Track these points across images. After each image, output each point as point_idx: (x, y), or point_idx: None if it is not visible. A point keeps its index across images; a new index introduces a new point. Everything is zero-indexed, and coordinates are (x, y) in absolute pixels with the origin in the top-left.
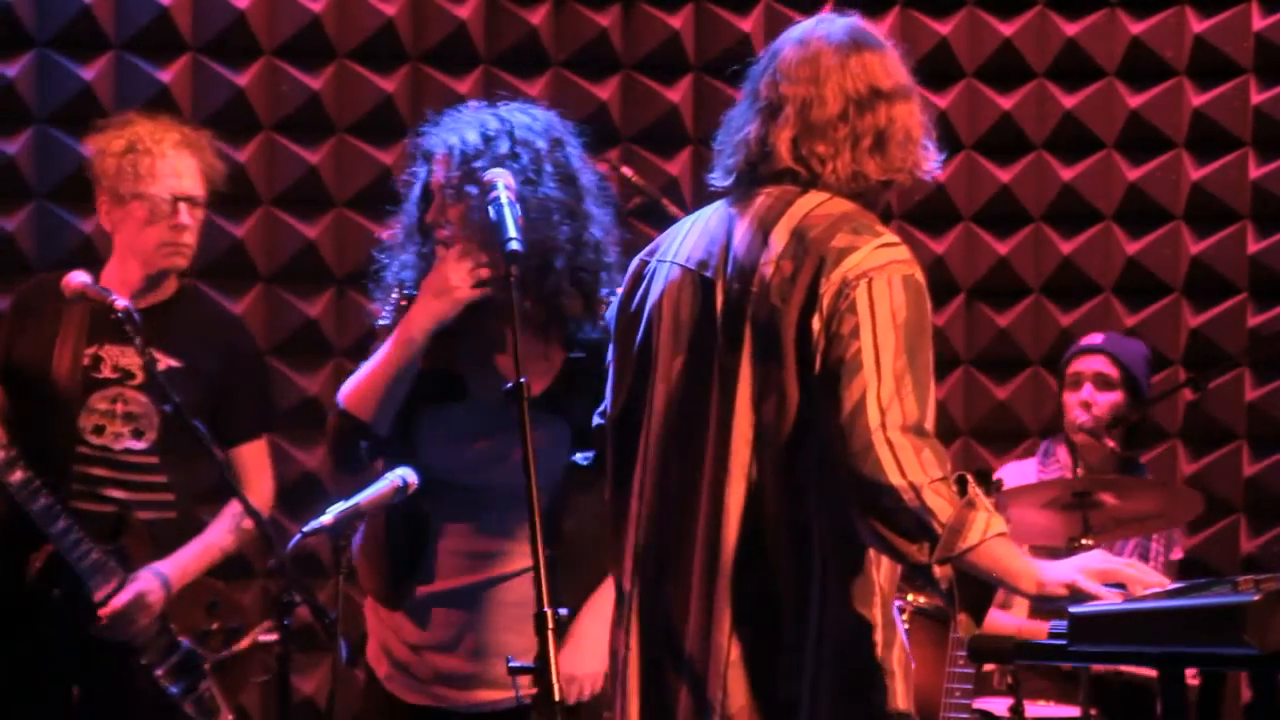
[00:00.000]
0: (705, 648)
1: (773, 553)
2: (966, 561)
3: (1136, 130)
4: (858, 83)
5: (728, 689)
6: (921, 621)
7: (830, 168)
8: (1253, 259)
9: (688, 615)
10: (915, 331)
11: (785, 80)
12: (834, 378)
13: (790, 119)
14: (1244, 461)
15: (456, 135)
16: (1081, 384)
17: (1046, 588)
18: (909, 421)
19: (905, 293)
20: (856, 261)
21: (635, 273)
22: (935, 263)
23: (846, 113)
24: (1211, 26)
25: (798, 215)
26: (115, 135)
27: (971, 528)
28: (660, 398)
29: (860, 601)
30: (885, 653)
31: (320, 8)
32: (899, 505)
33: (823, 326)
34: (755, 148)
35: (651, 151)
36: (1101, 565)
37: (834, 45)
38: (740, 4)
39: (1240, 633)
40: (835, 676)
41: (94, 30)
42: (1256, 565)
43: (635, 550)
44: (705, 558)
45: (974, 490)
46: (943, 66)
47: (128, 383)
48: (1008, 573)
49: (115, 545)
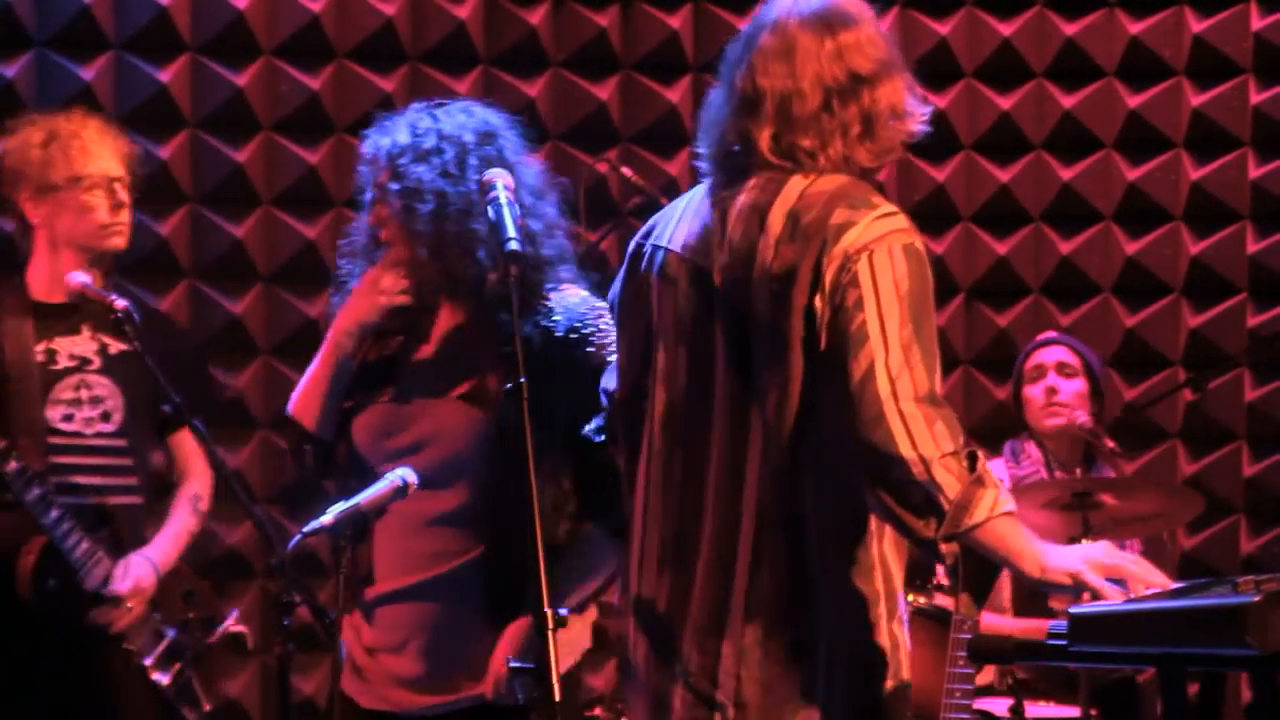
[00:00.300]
0: (717, 638)
1: (781, 543)
2: (972, 538)
3: (1136, 130)
4: (836, 70)
5: (742, 676)
6: (921, 622)
7: (822, 159)
8: (1252, 259)
9: (692, 606)
10: (919, 300)
11: (763, 73)
12: (841, 351)
13: (770, 115)
14: (1244, 462)
15: (388, 136)
16: (1045, 373)
17: (1049, 573)
18: (920, 391)
19: (907, 262)
20: (855, 235)
21: (633, 255)
22: (935, 263)
23: (830, 103)
24: (1210, 26)
25: (792, 197)
26: (31, 131)
27: (979, 504)
28: (662, 390)
29: (861, 577)
30: (888, 624)
31: (319, 8)
32: (908, 478)
33: (826, 303)
34: (735, 141)
35: (650, 151)
36: (1106, 558)
37: (809, 30)
38: (739, 4)
39: (1241, 633)
40: (847, 658)
41: (93, 30)
42: (1257, 566)
43: (641, 542)
44: (715, 550)
45: (983, 466)
46: (942, 66)
47: (87, 368)
48: (1011, 552)
49: (101, 534)
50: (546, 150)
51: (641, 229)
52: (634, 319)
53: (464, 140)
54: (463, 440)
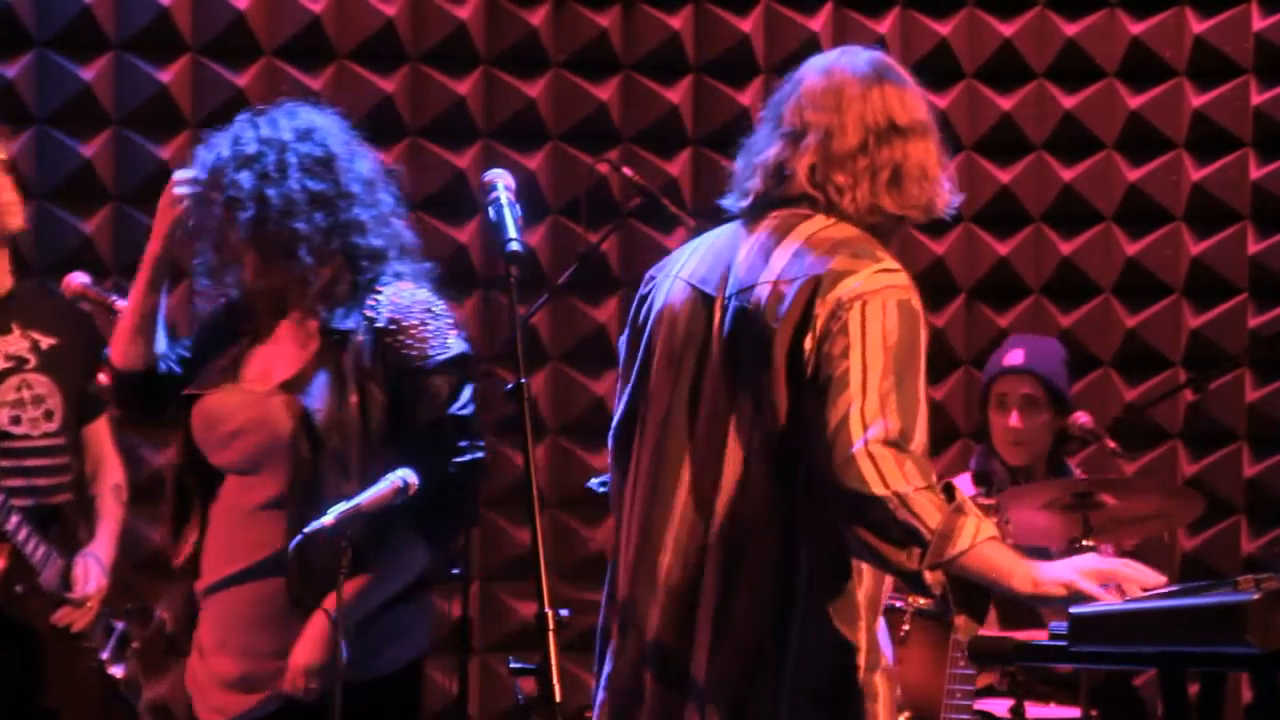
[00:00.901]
0: (685, 663)
1: (757, 574)
2: (958, 566)
3: (1136, 131)
4: (877, 115)
5: (705, 706)
6: (922, 622)
7: (849, 198)
8: (1253, 259)
9: (651, 631)
10: (906, 355)
11: (810, 107)
12: (821, 396)
13: (811, 147)
14: (1244, 462)
15: (213, 151)
16: (1009, 408)
17: (1043, 586)
18: (890, 435)
19: (899, 316)
20: (852, 284)
21: (645, 288)
22: (935, 263)
23: (866, 144)
24: (1211, 27)
25: (801, 237)
26: None
27: (961, 533)
28: (654, 413)
29: (843, 622)
30: (868, 675)
31: (320, 8)
32: (886, 516)
33: (814, 346)
34: (774, 171)
35: (651, 152)
36: (1098, 566)
37: (857, 76)
38: (740, 5)
39: (1241, 632)
40: (811, 695)
41: (94, 30)
42: (1257, 566)
43: (626, 564)
44: (681, 576)
45: (961, 496)
46: (943, 67)
47: (25, 368)
48: (1000, 573)
49: (51, 533)
50: (547, 151)
51: (657, 264)
52: (636, 345)
53: (284, 141)
54: (279, 428)
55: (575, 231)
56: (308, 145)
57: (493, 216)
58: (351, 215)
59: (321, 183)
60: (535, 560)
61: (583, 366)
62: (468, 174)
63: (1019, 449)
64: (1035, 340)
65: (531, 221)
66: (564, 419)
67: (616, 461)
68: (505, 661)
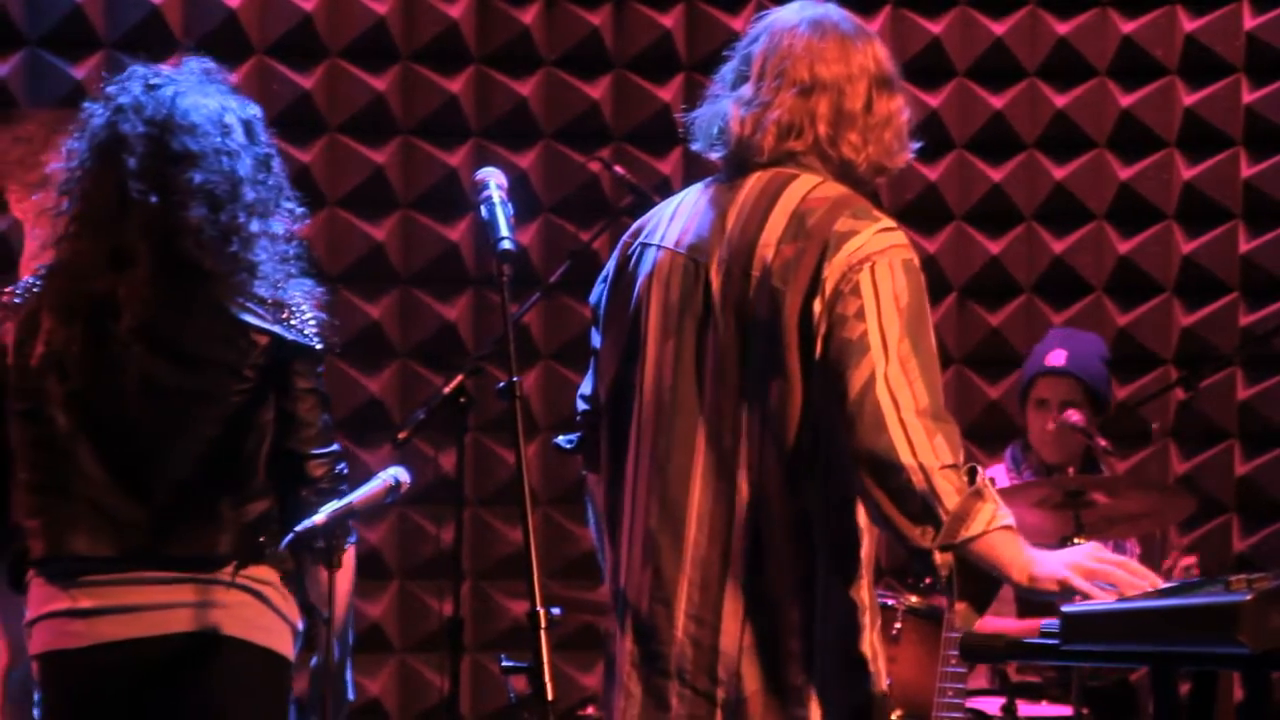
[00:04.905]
0: (714, 635)
1: (780, 540)
2: (967, 550)
3: (1128, 129)
4: (880, 69)
5: (741, 673)
6: (914, 621)
7: (863, 156)
8: (1244, 258)
9: (681, 602)
10: (916, 316)
11: (819, 61)
12: (840, 360)
13: (825, 105)
14: (1236, 461)
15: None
16: (1049, 409)
17: (1038, 581)
18: (921, 405)
19: (906, 277)
20: (859, 245)
21: (621, 255)
22: (927, 262)
23: (870, 101)
24: (1203, 26)
25: (795, 198)
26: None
27: (976, 517)
28: (650, 384)
29: (848, 582)
30: (870, 634)
31: (311, 6)
32: (907, 485)
33: (825, 309)
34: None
35: (643, 150)
36: (1093, 564)
37: (850, 31)
38: (732, 3)
39: (1234, 632)
40: (836, 659)
41: (85, 29)
42: (1249, 564)
43: (629, 541)
44: (708, 548)
45: (983, 480)
46: (934, 65)
47: None
48: (1001, 562)
49: None
50: (539, 149)
51: (629, 230)
52: (618, 318)
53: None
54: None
55: (567, 230)
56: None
57: (485, 215)
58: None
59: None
60: (527, 558)
61: (574, 365)
62: (459, 172)
63: (1057, 448)
64: (1076, 338)
65: (523, 220)
66: (555, 417)
67: (607, 438)
68: (497, 660)
